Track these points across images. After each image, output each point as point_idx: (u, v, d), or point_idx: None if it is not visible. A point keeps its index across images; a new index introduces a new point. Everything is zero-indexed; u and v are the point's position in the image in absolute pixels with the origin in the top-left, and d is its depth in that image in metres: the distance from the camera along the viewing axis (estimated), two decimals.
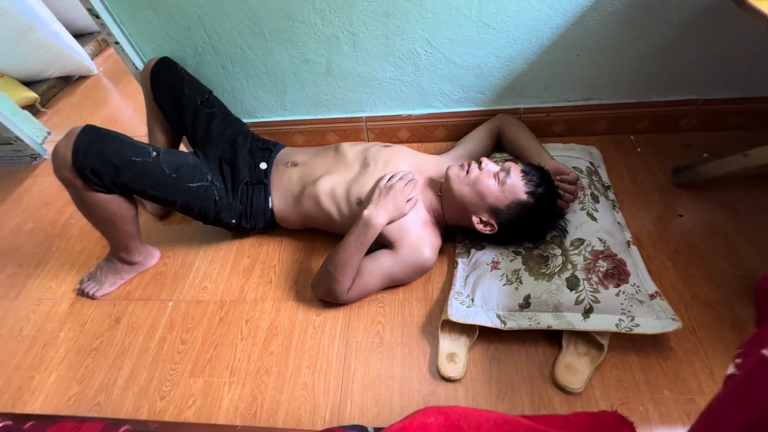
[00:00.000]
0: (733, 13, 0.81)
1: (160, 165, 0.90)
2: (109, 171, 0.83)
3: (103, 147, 0.83)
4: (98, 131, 0.84)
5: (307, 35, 1.09)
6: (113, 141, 0.85)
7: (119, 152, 0.85)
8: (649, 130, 1.24)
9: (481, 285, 0.92)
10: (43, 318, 1.09)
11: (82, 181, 0.83)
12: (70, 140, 0.81)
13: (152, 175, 0.89)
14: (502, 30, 1.04)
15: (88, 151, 0.81)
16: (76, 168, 0.81)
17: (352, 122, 1.32)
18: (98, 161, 0.82)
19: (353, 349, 0.93)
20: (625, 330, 0.79)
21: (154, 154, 0.90)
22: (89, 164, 0.81)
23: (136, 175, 0.87)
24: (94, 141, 0.83)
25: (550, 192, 0.89)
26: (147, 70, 1.10)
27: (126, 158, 0.85)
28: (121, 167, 0.85)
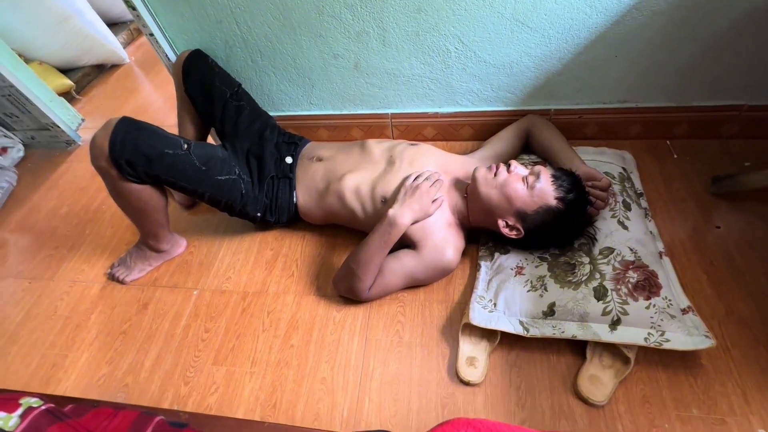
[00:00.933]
0: None
1: (190, 157, 0.92)
2: (142, 162, 0.86)
3: (138, 139, 0.85)
4: (134, 123, 0.86)
5: (337, 30, 1.09)
6: (147, 133, 0.87)
7: (153, 144, 0.87)
8: (687, 135, 1.19)
9: (505, 290, 0.90)
10: (76, 299, 1.14)
11: (118, 171, 0.86)
12: (108, 131, 0.83)
13: (183, 167, 0.91)
14: (538, 28, 1.00)
15: (124, 143, 0.83)
16: (112, 158, 0.83)
17: (378, 119, 1.31)
18: (133, 152, 0.84)
19: (372, 347, 0.94)
20: (654, 345, 0.77)
21: (185, 147, 0.92)
22: (125, 155, 0.83)
23: (167, 167, 0.89)
24: (130, 133, 0.85)
25: (581, 198, 0.87)
26: (179, 62, 1.12)
27: (159, 150, 0.87)
28: (154, 159, 0.87)
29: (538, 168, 0.89)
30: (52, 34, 1.80)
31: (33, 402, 0.46)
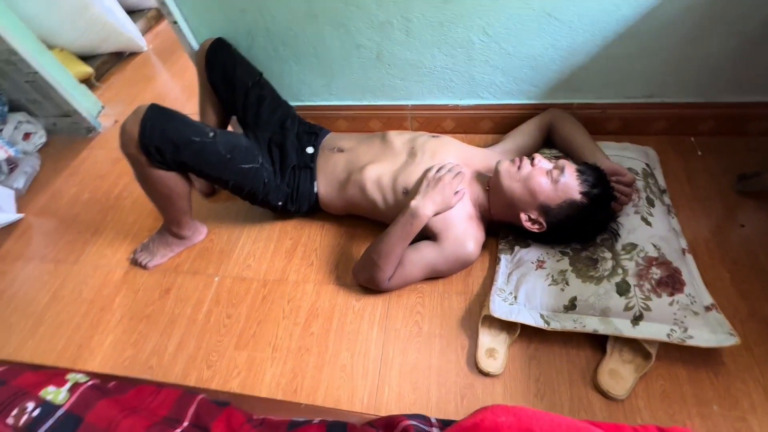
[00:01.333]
0: None
1: (216, 145, 0.93)
2: (170, 149, 0.87)
3: (167, 126, 0.86)
4: (163, 111, 0.87)
5: (361, 20, 1.08)
6: (176, 120, 0.88)
7: (181, 131, 0.88)
8: (713, 132, 1.17)
9: (525, 283, 0.91)
10: (100, 283, 1.17)
11: (146, 157, 0.87)
12: (138, 118, 0.84)
13: (209, 155, 0.92)
14: (565, 21, 0.99)
15: (154, 130, 0.85)
16: (142, 145, 0.85)
17: (397, 110, 1.31)
18: (162, 139, 0.85)
19: (392, 336, 0.95)
20: (677, 341, 0.77)
21: (212, 135, 0.93)
22: (154, 142, 0.85)
23: (194, 154, 0.90)
24: (159, 120, 0.86)
25: (606, 193, 0.86)
26: (202, 50, 1.13)
27: (186, 137, 0.88)
28: (182, 146, 0.88)
29: (562, 162, 0.89)
30: (72, 21, 1.81)
31: (79, 377, 0.48)
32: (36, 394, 0.45)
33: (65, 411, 0.44)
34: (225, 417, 0.46)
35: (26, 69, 1.44)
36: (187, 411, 0.47)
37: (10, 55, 1.39)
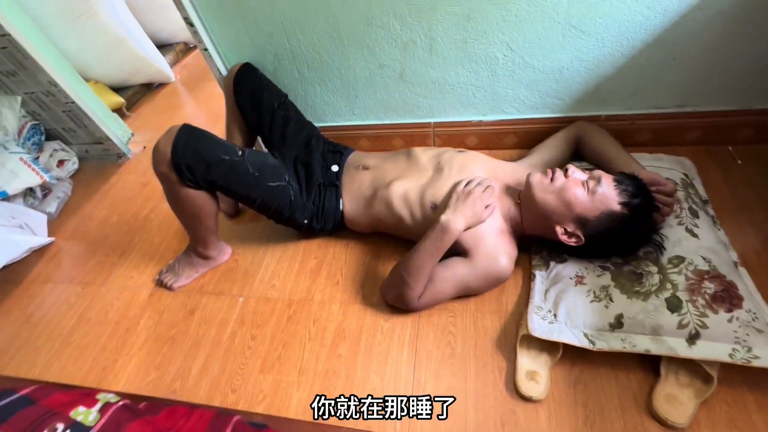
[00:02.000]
0: None
1: (245, 164, 0.93)
2: (201, 167, 0.88)
3: (198, 145, 0.88)
4: (194, 130, 0.89)
5: (384, 40, 1.10)
6: (206, 140, 0.90)
7: (211, 150, 0.89)
8: (752, 140, 1.12)
9: (565, 300, 0.86)
10: (126, 305, 1.16)
11: (178, 176, 0.88)
12: (170, 138, 0.86)
13: (238, 173, 0.93)
14: (591, 32, 0.98)
15: (186, 149, 0.86)
16: (174, 163, 0.86)
17: (420, 128, 1.31)
18: (193, 158, 0.86)
19: (423, 358, 0.90)
20: (742, 362, 0.70)
21: (240, 154, 0.93)
22: (186, 160, 0.86)
23: (224, 172, 0.91)
24: (191, 139, 0.87)
25: (648, 203, 0.82)
26: (231, 74, 1.16)
27: (217, 156, 0.89)
28: (213, 164, 0.88)
29: (598, 172, 0.86)
30: (107, 55, 1.92)
31: (110, 397, 0.46)
32: (66, 414, 0.43)
33: (97, 430, 0.42)
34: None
35: (64, 99, 1.51)
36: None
37: (51, 86, 1.47)
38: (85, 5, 1.75)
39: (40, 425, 0.41)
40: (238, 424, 0.45)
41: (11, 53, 1.38)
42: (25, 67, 1.42)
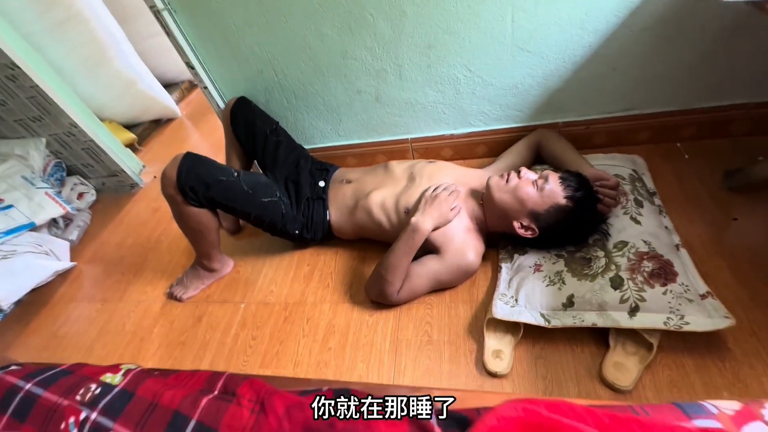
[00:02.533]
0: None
1: (240, 183, 1.08)
2: (202, 188, 1.02)
3: (199, 169, 1.02)
4: (196, 157, 1.04)
5: (359, 69, 1.25)
6: (206, 164, 1.05)
7: (210, 173, 1.04)
8: (697, 137, 1.23)
9: (525, 286, 0.96)
10: (141, 316, 1.29)
11: (182, 196, 1.02)
12: (175, 164, 1.01)
13: (234, 191, 1.07)
14: (536, 52, 1.12)
15: (189, 172, 1.00)
16: (179, 185, 1.00)
17: (399, 144, 1.45)
18: (195, 180, 1.01)
19: (403, 346, 1.01)
20: (675, 328, 0.80)
21: (236, 175, 1.08)
22: (189, 182, 1.00)
23: (222, 191, 1.05)
24: (193, 164, 1.02)
25: (589, 195, 0.94)
26: (228, 107, 1.32)
27: (215, 177, 1.03)
28: (212, 185, 1.03)
29: (546, 172, 0.98)
30: (120, 97, 2.13)
31: (131, 366, 0.58)
32: (98, 378, 0.55)
33: (120, 388, 0.53)
34: (248, 383, 0.54)
35: (83, 138, 1.69)
36: (216, 383, 0.55)
37: (71, 127, 1.65)
38: (100, 55, 1.97)
39: (77, 386, 0.53)
40: (228, 376, 0.57)
41: (38, 101, 1.57)
42: (49, 112, 1.61)
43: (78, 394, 0.53)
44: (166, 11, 1.19)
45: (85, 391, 0.53)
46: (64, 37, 1.83)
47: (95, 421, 0.49)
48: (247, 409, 0.48)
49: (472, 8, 1.06)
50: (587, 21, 1.05)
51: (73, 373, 0.57)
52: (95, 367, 0.59)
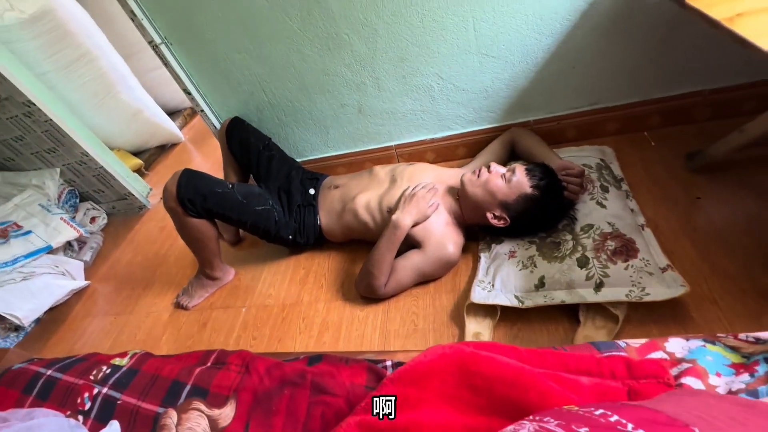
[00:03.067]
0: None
1: (234, 194, 1.17)
2: (200, 199, 1.12)
3: (196, 182, 1.13)
4: (192, 172, 1.14)
5: (341, 85, 1.36)
6: (202, 178, 1.15)
7: (207, 185, 1.14)
8: (662, 125, 1.30)
9: (501, 272, 1.03)
10: (150, 326, 1.38)
11: (182, 208, 1.12)
12: (175, 179, 1.11)
13: (229, 201, 1.16)
14: (500, 57, 1.22)
15: (187, 186, 1.11)
16: (178, 198, 1.10)
17: (384, 151, 1.54)
18: (193, 192, 1.11)
19: (392, 336, 1.07)
20: (636, 299, 0.86)
21: (230, 186, 1.18)
22: (187, 195, 1.10)
23: (218, 202, 1.15)
24: (190, 178, 1.12)
25: (553, 184, 1.01)
26: (223, 127, 1.44)
27: (211, 189, 1.13)
28: (208, 196, 1.13)
29: (513, 165, 1.05)
30: (127, 126, 2.27)
31: (137, 351, 0.66)
32: (108, 362, 0.63)
33: (127, 368, 0.61)
34: (237, 354, 0.61)
35: (94, 166, 1.82)
36: (209, 358, 0.63)
37: (83, 156, 1.78)
38: (107, 88, 2.12)
39: (91, 369, 0.61)
40: (221, 352, 0.64)
41: (52, 134, 1.71)
42: (63, 144, 1.74)
43: (92, 374, 0.61)
44: (163, 45, 1.32)
45: (98, 372, 0.61)
46: (75, 74, 1.98)
47: (106, 394, 0.57)
48: (234, 372, 0.55)
49: (437, 22, 1.16)
50: (543, 25, 1.14)
51: (87, 359, 0.65)
52: (107, 355, 0.68)
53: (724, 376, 0.41)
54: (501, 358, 0.43)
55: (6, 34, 1.69)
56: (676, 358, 0.45)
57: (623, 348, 0.49)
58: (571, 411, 0.29)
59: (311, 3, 1.17)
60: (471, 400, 0.39)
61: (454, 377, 0.41)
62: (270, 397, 0.51)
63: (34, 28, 1.75)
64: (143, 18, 1.25)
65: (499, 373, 0.40)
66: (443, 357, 0.45)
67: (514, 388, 0.38)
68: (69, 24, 1.86)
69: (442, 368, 0.43)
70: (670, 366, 0.44)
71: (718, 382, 0.41)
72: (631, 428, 0.25)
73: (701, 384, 0.40)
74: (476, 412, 0.38)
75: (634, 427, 0.25)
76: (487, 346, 0.47)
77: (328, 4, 1.17)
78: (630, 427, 0.25)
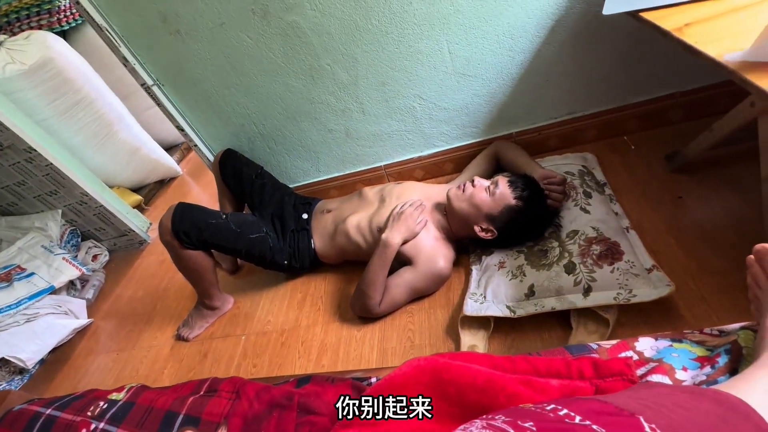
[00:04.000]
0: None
1: (228, 223, 1.20)
2: (195, 231, 1.15)
3: (191, 215, 1.16)
4: (186, 205, 1.18)
5: (327, 111, 1.41)
6: (196, 210, 1.18)
7: (201, 217, 1.17)
8: (640, 128, 1.34)
9: (491, 283, 1.04)
10: (152, 360, 1.39)
11: (178, 241, 1.15)
12: (169, 213, 1.15)
13: (224, 231, 1.19)
14: (477, 75, 1.27)
15: (182, 219, 1.14)
16: (174, 231, 1.13)
17: (374, 171, 1.58)
18: (188, 225, 1.14)
19: (389, 354, 1.08)
20: (624, 301, 0.87)
21: (224, 217, 1.21)
22: (183, 227, 1.13)
23: (213, 232, 1.18)
24: (185, 212, 1.16)
25: (536, 193, 1.04)
26: (216, 160, 1.48)
27: (206, 221, 1.17)
28: (203, 227, 1.16)
29: (497, 178, 1.08)
30: (126, 164, 2.33)
31: (133, 384, 0.68)
32: (105, 397, 0.64)
33: (123, 401, 0.62)
34: (229, 380, 0.62)
35: (94, 205, 1.87)
36: (203, 386, 0.64)
37: (83, 197, 1.83)
38: (105, 129, 2.19)
39: (88, 405, 0.62)
40: (213, 380, 0.65)
41: (53, 177, 1.76)
42: (63, 186, 1.80)
43: (89, 410, 0.62)
44: (155, 86, 1.39)
45: (95, 407, 0.62)
46: (74, 118, 2.06)
47: (103, 429, 0.58)
48: (225, 399, 0.57)
49: (413, 47, 1.22)
50: (514, 43, 1.19)
51: (85, 396, 0.67)
52: (104, 391, 0.69)
53: (690, 370, 0.42)
54: (473, 366, 0.44)
55: (7, 85, 1.77)
56: (644, 358, 0.46)
57: (595, 350, 0.50)
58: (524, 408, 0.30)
59: (293, 38, 1.23)
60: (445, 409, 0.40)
61: (428, 387, 0.43)
62: (259, 420, 0.52)
63: (34, 78, 1.84)
64: (135, 62, 1.32)
65: (470, 381, 0.41)
66: (418, 368, 0.46)
67: (485, 394, 0.40)
68: (67, 71, 1.95)
69: (417, 379, 0.44)
70: (638, 365, 0.45)
71: (685, 376, 0.42)
72: (579, 420, 0.26)
73: (668, 380, 0.41)
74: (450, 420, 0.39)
75: (582, 419, 0.26)
76: (462, 356, 0.48)
77: (308, 39, 1.23)
78: (577, 419, 0.27)
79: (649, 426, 0.26)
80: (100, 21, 1.23)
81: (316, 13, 1.18)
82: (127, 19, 1.24)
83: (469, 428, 0.28)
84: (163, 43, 1.28)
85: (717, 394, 0.32)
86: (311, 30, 1.21)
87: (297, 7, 1.17)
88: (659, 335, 0.49)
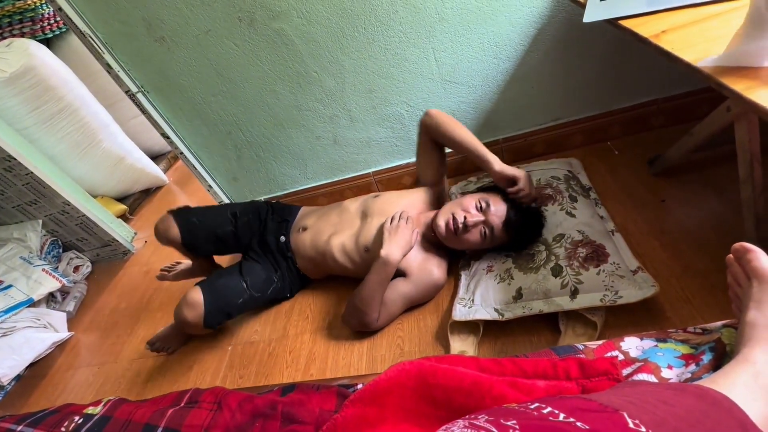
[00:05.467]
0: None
1: (250, 293, 1.20)
2: (225, 317, 1.20)
3: (220, 304, 1.15)
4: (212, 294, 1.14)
5: (314, 118, 1.41)
6: (224, 297, 1.16)
7: (229, 303, 1.17)
8: (623, 134, 1.37)
9: (480, 287, 1.04)
10: (135, 373, 1.34)
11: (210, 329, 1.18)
12: (198, 311, 1.11)
13: (249, 303, 1.21)
14: (462, 82, 1.28)
15: (214, 314, 1.14)
16: (207, 326, 1.14)
17: (363, 178, 1.58)
18: (220, 316, 1.17)
19: (378, 361, 1.06)
20: (610, 303, 0.87)
21: (245, 286, 1.19)
22: (216, 321, 1.16)
23: (240, 309, 1.22)
24: (214, 302, 1.13)
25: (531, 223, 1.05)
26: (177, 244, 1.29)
27: (233, 304, 1.18)
28: (233, 312, 1.20)
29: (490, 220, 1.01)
30: (111, 173, 2.29)
31: (111, 397, 0.65)
32: (81, 412, 0.61)
33: (100, 416, 0.59)
34: (210, 391, 0.60)
35: (76, 215, 1.83)
36: (183, 398, 0.62)
37: (65, 206, 1.79)
38: (89, 138, 2.15)
39: (62, 420, 0.60)
40: (194, 391, 0.63)
41: (33, 186, 1.72)
42: (44, 195, 1.75)
43: (63, 426, 0.59)
44: (140, 93, 1.37)
45: (69, 422, 0.60)
46: (56, 127, 2.02)
47: None
48: (206, 410, 0.55)
49: (399, 54, 1.23)
50: (499, 51, 1.21)
51: (60, 411, 0.64)
52: (80, 406, 0.66)
53: (676, 368, 0.42)
54: (460, 368, 0.43)
55: None
56: (630, 357, 0.46)
57: (581, 350, 0.50)
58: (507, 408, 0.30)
59: (279, 46, 1.23)
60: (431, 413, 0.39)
61: (415, 392, 0.42)
62: (242, 431, 0.50)
63: (15, 86, 1.81)
64: (119, 69, 1.30)
65: (457, 384, 0.40)
66: (403, 372, 0.45)
67: (471, 397, 0.39)
68: (50, 79, 1.91)
69: (402, 384, 0.43)
70: (624, 365, 0.45)
71: (670, 374, 0.42)
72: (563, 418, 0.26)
73: (654, 378, 0.41)
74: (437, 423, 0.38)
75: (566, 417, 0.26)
76: (448, 359, 0.48)
77: (295, 46, 1.23)
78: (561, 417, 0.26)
79: (633, 422, 0.26)
80: (83, 27, 1.22)
81: (303, 21, 1.18)
82: (111, 26, 1.23)
83: (451, 428, 0.28)
84: (148, 50, 1.27)
85: (699, 389, 0.32)
86: (298, 37, 1.22)
87: (283, 15, 1.17)
88: (644, 335, 0.49)
